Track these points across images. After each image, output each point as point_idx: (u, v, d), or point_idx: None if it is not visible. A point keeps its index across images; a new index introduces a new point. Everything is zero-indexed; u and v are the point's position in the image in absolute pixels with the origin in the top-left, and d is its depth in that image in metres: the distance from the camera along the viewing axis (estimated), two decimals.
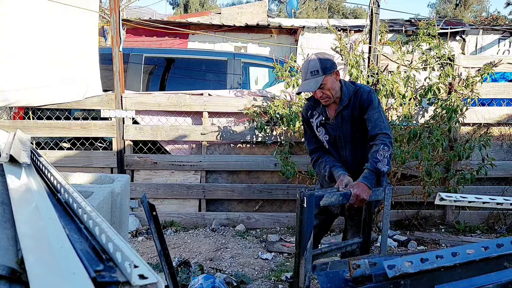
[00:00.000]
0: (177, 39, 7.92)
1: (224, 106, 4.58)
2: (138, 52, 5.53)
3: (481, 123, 4.65)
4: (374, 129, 2.45)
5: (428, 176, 4.07)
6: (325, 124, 2.65)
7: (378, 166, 2.35)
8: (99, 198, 1.32)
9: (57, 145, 4.75)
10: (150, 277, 0.81)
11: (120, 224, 1.48)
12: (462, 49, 7.27)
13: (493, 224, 4.75)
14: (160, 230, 1.53)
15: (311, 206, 2.19)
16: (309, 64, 2.50)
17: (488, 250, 1.33)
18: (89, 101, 4.50)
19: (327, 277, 1.49)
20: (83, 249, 0.87)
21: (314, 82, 2.47)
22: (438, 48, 4.41)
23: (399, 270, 1.25)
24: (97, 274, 0.79)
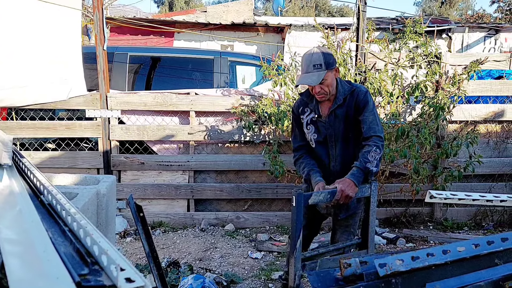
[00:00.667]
0: (162, 37, 7.84)
1: (211, 105, 4.55)
2: (123, 51, 5.45)
3: (468, 120, 4.66)
4: (368, 131, 2.45)
5: (416, 174, 4.05)
6: (317, 122, 2.58)
7: (368, 166, 2.36)
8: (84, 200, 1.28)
9: (41, 146, 4.66)
10: (137, 280, 0.78)
11: (107, 225, 1.44)
12: (448, 47, 7.34)
13: (480, 220, 4.79)
14: (148, 231, 1.49)
15: (299, 205, 2.18)
16: (312, 57, 2.43)
17: (478, 247, 1.32)
18: (73, 101, 4.42)
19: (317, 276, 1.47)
20: (67, 253, 0.84)
21: (316, 76, 2.40)
22: (425, 46, 4.41)
23: (390, 268, 1.24)
24: (82, 278, 0.76)
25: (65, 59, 4.30)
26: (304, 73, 2.44)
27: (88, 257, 0.86)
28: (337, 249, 2.46)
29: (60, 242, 0.88)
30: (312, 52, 2.45)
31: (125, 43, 7.55)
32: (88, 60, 4.61)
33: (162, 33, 7.58)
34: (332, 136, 2.56)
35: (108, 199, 1.45)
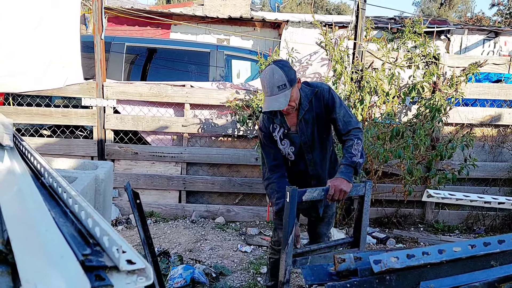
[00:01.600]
0: (159, 29, 7.82)
1: (206, 98, 4.57)
2: (120, 41, 5.45)
3: (464, 123, 4.64)
4: (345, 126, 2.46)
5: (409, 175, 4.05)
6: (288, 135, 2.51)
7: (354, 159, 2.38)
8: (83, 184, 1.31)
9: (37, 132, 4.67)
10: (138, 263, 0.81)
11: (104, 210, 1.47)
12: (446, 49, 7.34)
13: (472, 224, 4.78)
14: (143, 218, 1.53)
15: (293, 200, 2.20)
16: (274, 77, 2.26)
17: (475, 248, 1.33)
18: (70, 89, 4.43)
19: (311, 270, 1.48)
20: (69, 233, 0.87)
21: (283, 97, 2.28)
22: (424, 46, 4.40)
23: (385, 265, 1.25)
24: (85, 258, 0.79)
25: (63, 47, 4.30)
26: (269, 96, 2.30)
27: (90, 238, 0.89)
28: (329, 247, 2.48)
29: (62, 223, 0.92)
30: (273, 72, 2.28)
31: (122, 34, 7.51)
32: (85, 49, 4.60)
33: (159, 24, 7.57)
34: (307, 142, 2.51)
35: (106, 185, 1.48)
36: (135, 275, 0.80)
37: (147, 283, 0.79)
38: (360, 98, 4.27)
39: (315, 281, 1.41)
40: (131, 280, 0.78)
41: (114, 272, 0.79)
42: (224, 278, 3.45)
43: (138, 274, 0.80)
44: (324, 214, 2.72)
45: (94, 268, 0.78)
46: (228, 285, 3.34)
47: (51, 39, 4.20)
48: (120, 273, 0.79)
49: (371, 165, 4.29)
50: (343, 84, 4.36)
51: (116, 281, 0.77)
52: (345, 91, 4.34)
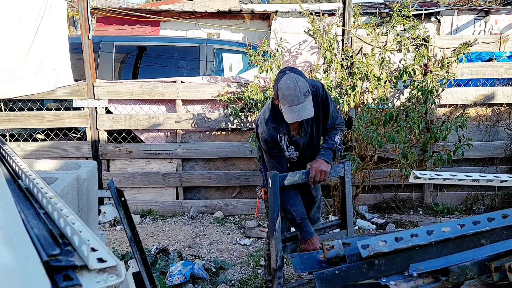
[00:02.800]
0: (148, 26, 7.76)
1: (197, 93, 4.54)
2: (109, 40, 5.40)
3: (458, 104, 4.62)
4: (333, 121, 2.58)
5: (404, 159, 4.02)
6: (293, 141, 2.52)
7: (334, 145, 2.52)
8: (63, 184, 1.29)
9: (30, 137, 4.67)
10: (109, 260, 0.79)
11: (88, 210, 1.46)
12: (437, 31, 7.24)
13: (471, 205, 4.76)
14: (129, 216, 1.51)
15: (276, 185, 2.23)
16: (299, 84, 2.21)
17: (464, 227, 1.33)
18: (61, 91, 4.42)
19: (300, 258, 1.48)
20: (40, 234, 0.86)
21: (309, 104, 2.25)
22: (413, 29, 4.36)
23: (373, 249, 1.25)
24: (53, 258, 0.77)
25: (52, 50, 4.30)
26: (296, 105, 2.21)
27: (61, 238, 0.87)
28: (317, 229, 2.50)
29: (34, 224, 0.90)
30: (296, 80, 2.22)
31: (112, 33, 7.45)
32: (74, 50, 4.58)
33: (148, 22, 7.51)
34: (307, 142, 2.57)
35: (88, 184, 1.46)
36: (106, 273, 0.78)
37: (118, 281, 0.78)
38: (352, 84, 4.24)
39: (305, 270, 1.42)
40: (101, 279, 0.77)
41: (85, 271, 0.78)
42: (224, 272, 3.45)
43: (109, 272, 0.79)
44: (315, 199, 2.82)
45: (62, 268, 0.76)
46: (229, 278, 3.34)
47: (41, 43, 4.21)
48: (90, 272, 0.78)
49: (365, 151, 4.27)
50: (333, 71, 4.33)
51: (85, 280, 0.76)
52: (336, 78, 4.32)
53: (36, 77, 4.21)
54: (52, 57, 4.30)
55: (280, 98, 2.27)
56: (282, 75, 2.29)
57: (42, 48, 4.22)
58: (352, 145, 4.35)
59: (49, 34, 4.28)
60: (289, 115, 2.24)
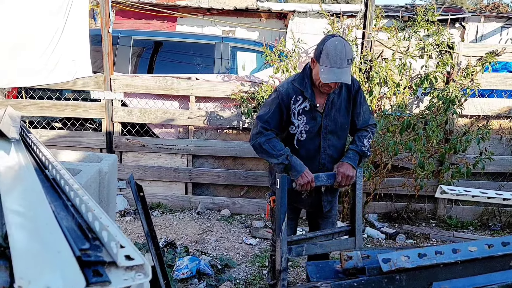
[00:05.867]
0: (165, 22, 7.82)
1: (211, 90, 4.57)
2: (127, 34, 5.46)
3: (480, 115, 4.43)
4: (365, 121, 2.50)
5: (421, 169, 3.87)
6: (311, 112, 2.38)
7: (363, 149, 2.43)
8: (87, 176, 1.33)
9: (48, 125, 4.76)
10: (136, 259, 0.80)
11: (108, 203, 1.49)
12: (461, 37, 6.97)
13: (487, 220, 4.57)
14: (147, 211, 1.55)
15: (284, 186, 2.22)
16: (346, 49, 2.17)
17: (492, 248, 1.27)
18: (79, 82, 4.49)
19: (316, 267, 1.45)
20: (69, 227, 0.88)
21: (350, 72, 2.20)
22: (437, 35, 4.23)
23: (394, 264, 1.22)
24: (83, 252, 0.78)
25: (73, 42, 4.37)
26: (337, 68, 2.16)
27: (89, 232, 0.89)
28: (325, 235, 2.44)
29: (63, 216, 0.93)
30: (344, 44, 2.18)
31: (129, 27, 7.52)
32: (93, 42, 4.63)
33: (165, 17, 7.57)
34: (327, 126, 2.41)
35: (110, 177, 1.50)
36: (133, 271, 0.78)
37: (145, 280, 0.78)
38: (369, 89, 4.16)
39: (321, 278, 1.37)
40: (129, 277, 0.77)
41: (113, 268, 0.78)
42: (230, 270, 3.48)
43: (137, 270, 0.79)
44: (329, 213, 2.67)
45: (92, 264, 0.77)
46: (234, 277, 3.37)
47: (64, 35, 4.27)
48: (118, 269, 0.78)
49: (380, 158, 4.17)
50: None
51: (113, 277, 0.76)
52: None
53: (57, 67, 4.30)
54: (73, 48, 4.37)
55: (322, 57, 2.20)
56: (331, 36, 2.24)
57: (64, 39, 4.30)
58: None
59: (71, 26, 4.36)
60: (327, 75, 2.17)
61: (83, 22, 4.44)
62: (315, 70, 2.30)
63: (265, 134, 2.38)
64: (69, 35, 4.31)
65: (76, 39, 4.38)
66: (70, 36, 4.31)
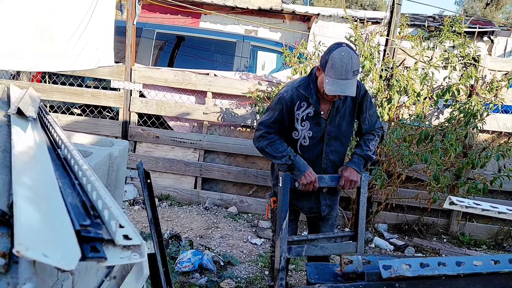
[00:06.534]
0: (189, 18, 7.91)
1: (228, 87, 4.60)
2: (151, 27, 5.55)
3: (502, 131, 4.34)
4: (372, 125, 2.48)
5: (435, 182, 3.79)
6: (315, 118, 2.38)
7: (368, 153, 2.42)
8: (97, 159, 1.36)
9: (68, 110, 4.86)
10: (134, 239, 0.82)
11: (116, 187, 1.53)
12: (489, 51, 6.82)
13: (502, 240, 4.45)
14: (152, 198, 1.57)
15: (286, 185, 2.23)
16: (352, 61, 2.14)
17: (498, 264, 1.24)
18: (100, 71, 4.58)
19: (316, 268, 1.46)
20: (73, 203, 0.91)
21: (355, 84, 2.19)
22: (463, 47, 4.16)
23: (395, 271, 1.21)
24: (83, 228, 0.81)
25: (98, 31, 4.46)
26: (342, 80, 2.14)
27: (92, 210, 0.92)
28: (327, 238, 2.44)
29: (68, 193, 0.96)
30: (350, 55, 2.14)
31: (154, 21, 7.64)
32: (117, 33, 4.72)
33: (189, 13, 7.65)
34: (331, 132, 2.42)
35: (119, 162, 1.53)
36: (130, 251, 0.81)
37: (140, 260, 0.81)
38: (388, 97, 4.12)
39: (319, 280, 1.37)
40: (125, 255, 0.80)
41: (110, 245, 0.81)
42: (232, 268, 3.49)
43: (133, 250, 0.81)
44: (328, 216, 2.67)
45: (91, 239, 0.80)
46: (235, 275, 3.38)
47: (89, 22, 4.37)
48: (115, 247, 0.80)
49: (393, 167, 4.11)
50: (370, 81, 4.22)
51: (110, 254, 0.78)
52: (373, 89, 4.21)
53: (81, 54, 4.40)
54: (98, 37, 4.47)
55: (327, 68, 2.17)
56: (338, 46, 2.20)
57: (90, 28, 4.40)
58: (380, 160, 4.23)
59: (98, 15, 4.46)
60: (331, 87, 2.15)
61: (109, 12, 4.53)
62: (320, 78, 2.29)
63: (268, 138, 2.40)
64: (95, 24, 4.40)
65: (101, 28, 4.47)
66: (96, 25, 4.40)
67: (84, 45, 4.32)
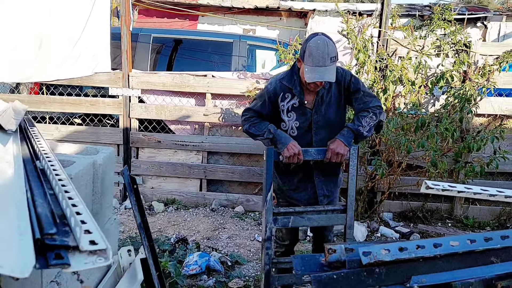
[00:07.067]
0: (187, 20, 7.92)
1: (227, 88, 4.59)
2: (147, 32, 5.56)
3: (497, 114, 4.39)
4: (366, 104, 2.44)
5: (433, 167, 3.86)
6: (300, 108, 2.43)
7: (359, 129, 2.38)
8: (78, 167, 1.36)
9: (68, 121, 4.88)
10: (100, 243, 0.83)
11: (103, 194, 1.52)
12: (483, 36, 6.90)
13: (505, 221, 4.47)
14: (140, 203, 1.57)
15: (270, 158, 2.29)
16: (328, 47, 2.19)
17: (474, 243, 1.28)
18: (98, 79, 4.59)
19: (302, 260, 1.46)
20: (43, 213, 0.91)
21: (333, 70, 2.22)
22: (454, 34, 4.19)
23: (374, 257, 1.23)
24: (48, 237, 0.82)
25: (94, 37, 4.47)
26: (320, 66, 2.18)
27: (60, 218, 0.92)
28: (317, 211, 2.41)
29: (39, 203, 0.96)
30: (326, 42, 2.20)
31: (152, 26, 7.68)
32: (114, 39, 4.74)
33: (186, 16, 7.67)
34: (318, 122, 2.44)
35: (104, 169, 1.53)
36: (95, 256, 0.82)
37: (105, 264, 0.81)
38: (384, 87, 4.14)
39: (306, 271, 1.39)
40: (90, 260, 0.81)
41: (77, 252, 0.82)
42: (240, 267, 3.48)
43: (99, 254, 0.82)
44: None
45: (56, 247, 0.81)
46: (243, 274, 3.37)
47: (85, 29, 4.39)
48: (81, 253, 0.82)
49: (393, 156, 4.15)
50: (365, 73, 4.25)
51: (75, 260, 0.79)
52: (368, 80, 4.23)
53: (77, 62, 4.41)
54: (94, 43, 4.48)
55: (305, 56, 2.24)
56: (314, 36, 2.27)
57: (86, 35, 4.41)
58: (380, 150, 4.26)
59: (93, 22, 4.47)
60: (310, 74, 2.21)
61: (104, 18, 4.55)
62: (301, 69, 2.33)
63: (251, 120, 2.49)
64: (91, 30, 4.42)
65: (97, 35, 4.48)
66: (91, 31, 4.42)
67: (80, 52, 4.33)
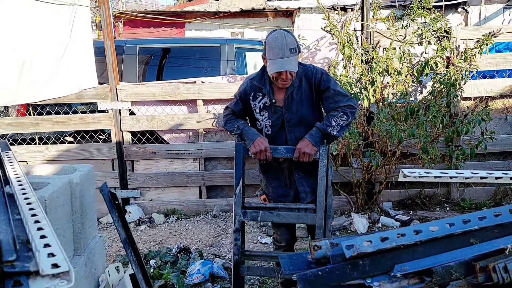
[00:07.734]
0: (174, 28, 7.91)
1: (217, 92, 4.57)
2: (132, 43, 5.54)
3: (483, 96, 4.46)
4: (337, 104, 2.42)
5: (425, 154, 3.94)
6: (271, 106, 2.45)
7: (327, 129, 2.38)
8: (53, 189, 1.33)
9: (58, 140, 4.84)
10: (62, 266, 0.81)
11: (83, 213, 1.49)
12: (465, 21, 7.00)
13: (500, 200, 4.56)
14: (123, 218, 1.54)
15: (239, 153, 2.40)
16: (286, 39, 2.25)
17: (453, 226, 1.30)
18: (86, 95, 4.55)
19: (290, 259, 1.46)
20: (5, 240, 0.88)
21: (294, 61, 2.27)
22: (434, 21, 4.26)
23: (357, 250, 1.24)
24: (8, 264, 0.80)
25: (78, 53, 4.44)
26: (281, 58, 2.24)
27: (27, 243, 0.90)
28: (289, 209, 2.43)
29: (2, 230, 0.93)
30: (284, 35, 2.27)
31: (138, 36, 7.66)
32: (99, 54, 4.71)
33: (173, 24, 7.66)
34: (290, 120, 2.46)
35: (82, 188, 1.50)
36: (58, 279, 0.80)
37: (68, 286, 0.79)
38: (371, 79, 4.16)
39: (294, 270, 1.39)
40: (51, 284, 0.79)
41: (39, 276, 0.80)
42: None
43: (62, 277, 0.80)
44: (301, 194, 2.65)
45: (15, 274, 0.78)
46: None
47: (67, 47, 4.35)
48: (43, 278, 0.80)
49: (386, 146, 4.18)
50: (353, 66, 4.27)
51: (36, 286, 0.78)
52: (356, 74, 4.25)
53: (63, 80, 4.37)
54: (78, 60, 4.45)
55: (266, 52, 2.31)
56: (272, 31, 2.35)
57: (69, 53, 4.37)
58: (373, 141, 4.27)
59: (75, 39, 4.44)
60: (272, 67, 2.27)
61: (86, 34, 4.52)
62: (267, 67, 2.35)
63: (227, 118, 2.60)
64: (74, 48, 4.39)
65: (80, 51, 4.45)
66: (74, 49, 4.39)
67: (65, 70, 4.30)
